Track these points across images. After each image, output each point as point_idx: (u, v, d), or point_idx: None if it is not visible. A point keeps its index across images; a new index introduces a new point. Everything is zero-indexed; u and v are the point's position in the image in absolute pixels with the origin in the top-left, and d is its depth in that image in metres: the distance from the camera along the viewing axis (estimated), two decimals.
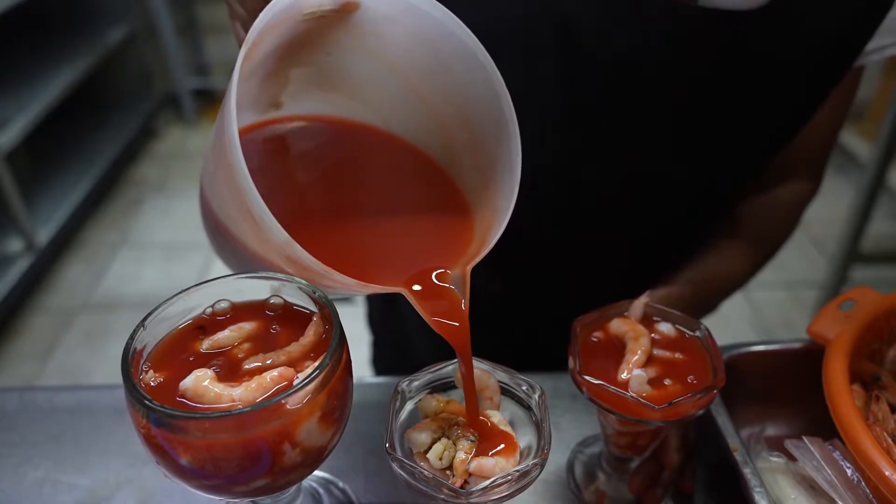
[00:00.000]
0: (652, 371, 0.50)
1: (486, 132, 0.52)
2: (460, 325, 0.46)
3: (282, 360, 0.44)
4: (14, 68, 2.49)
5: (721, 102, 0.63)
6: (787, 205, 0.75)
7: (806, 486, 0.52)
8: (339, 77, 0.56)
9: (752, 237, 0.73)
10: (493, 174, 0.52)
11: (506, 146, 0.51)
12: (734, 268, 0.71)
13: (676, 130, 0.65)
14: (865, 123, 2.90)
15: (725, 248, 0.72)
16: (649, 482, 0.57)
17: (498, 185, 0.52)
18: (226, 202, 0.48)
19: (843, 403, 0.50)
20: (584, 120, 0.64)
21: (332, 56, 0.54)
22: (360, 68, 0.55)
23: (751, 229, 0.73)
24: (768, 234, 0.75)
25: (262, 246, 0.46)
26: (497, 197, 0.51)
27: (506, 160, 0.51)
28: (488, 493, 0.41)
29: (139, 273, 2.47)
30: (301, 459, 0.43)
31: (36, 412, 0.67)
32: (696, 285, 0.67)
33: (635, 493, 0.57)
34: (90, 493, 0.59)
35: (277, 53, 0.51)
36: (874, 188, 1.95)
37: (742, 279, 0.73)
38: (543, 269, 0.77)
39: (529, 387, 0.47)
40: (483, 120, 0.52)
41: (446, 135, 0.56)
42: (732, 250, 0.72)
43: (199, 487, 0.43)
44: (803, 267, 2.49)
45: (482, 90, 0.51)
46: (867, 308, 0.58)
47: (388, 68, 0.54)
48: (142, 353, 0.44)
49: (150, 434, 0.40)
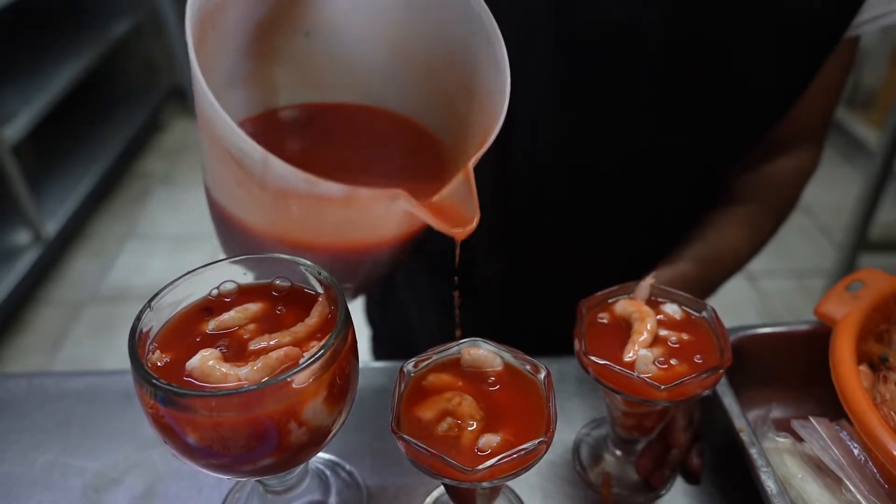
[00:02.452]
0: (658, 351, 0.49)
1: (469, 54, 0.52)
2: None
3: (287, 340, 0.44)
4: (20, 61, 2.49)
5: (719, 73, 0.63)
6: (788, 178, 0.74)
7: (812, 466, 0.52)
8: (323, 60, 0.56)
9: (754, 212, 0.73)
10: (481, 85, 0.53)
11: (490, 53, 0.50)
12: (739, 244, 0.71)
13: (675, 103, 0.64)
14: (873, 111, 2.88)
15: (727, 223, 0.72)
16: (657, 463, 0.57)
17: (488, 83, 0.51)
18: (211, 164, 0.48)
19: (850, 383, 0.50)
20: (583, 95, 0.64)
21: (311, 36, 0.54)
22: (342, 44, 0.55)
23: (752, 204, 0.73)
24: (770, 208, 0.74)
25: (256, 210, 0.46)
26: (488, 90, 0.51)
27: (492, 63, 0.51)
28: (494, 472, 0.41)
29: (146, 265, 2.48)
30: (307, 439, 0.43)
31: (45, 397, 0.67)
32: (702, 263, 0.66)
33: (643, 474, 0.57)
34: (99, 476, 0.60)
35: (251, 31, 0.51)
36: (882, 176, 1.93)
37: (747, 256, 0.72)
38: (544, 248, 0.76)
39: (535, 367, 0.47)
40: (465, 42, 0.52)
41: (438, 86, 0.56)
42: (735, 226, 0.71)
43: (207, 467, 0.43)
44: (811, 255, 2.48)
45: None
46: (875, 289, 0.58)
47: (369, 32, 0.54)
48: (148, 334, 0.45)
49: (158, 414, 0.40)
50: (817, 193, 2.82)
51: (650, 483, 0.57)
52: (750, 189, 0.74)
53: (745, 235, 0.71)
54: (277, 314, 0.47)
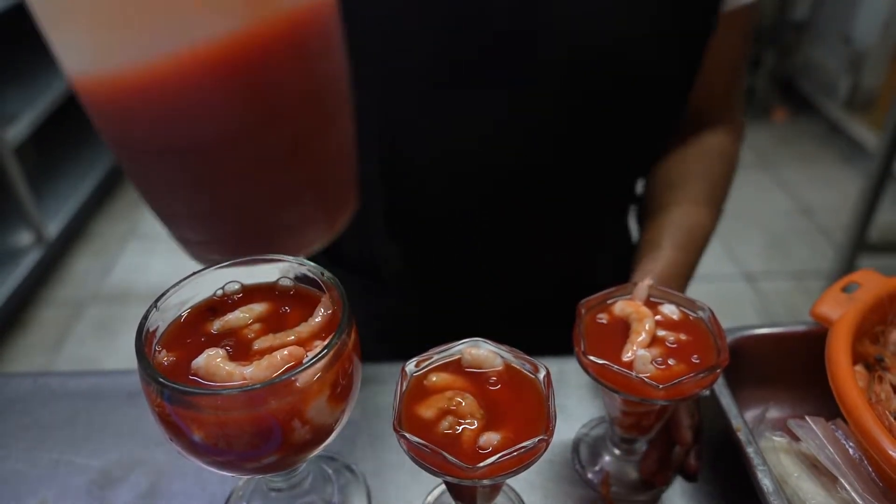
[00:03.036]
0: (656, 351, 0.50)
1: None
2: None
3: (291, 339, 0.45)
4: (22, 63, 2.50)
5: (616, 66, 0.64)
6: (718, 148, 0.77)
7: (808, 464, 0.53)
8: None
9: (704, 189, 0.74)
10: None
11: None
12: (704, 221, 0.72)
13: (580, 103, 0.66)
14: (873, 113, 2.89)
15: (685, 201, 0.73)
16: (661, 465, 0.58)
17: None
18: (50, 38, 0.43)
19: (846, 382, 0.51)
20: (470, 88, 0.65)
21: None
22: None
23: (698, 180, 0.75)
24: (714, 180, 0.76)
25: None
26: None
27: None
28: (495, 469, 0.41)
29: (148, 264, 2.49)
30: (311, 437, 0.44)
31: (49, 396, 0.68)
32: (683, 249, 0.67)
33: (646, 475, 0.58)
34: (103, 473, 0.60)
35: None
36: (881, 177, 1.94)
37: (712, 230, 0.74)
38: (480, 247, 0.77)
39: (534, 367, 0.47)
40: None
41: None
42: (693, 204, 0.73)
43: (212, 464, 0.44)
44: (810, 256, 2.49)
45: None
46: (871, 290, 0.58)
47: None
48: (154, 333, 0.45)
49: (164, 412, 0.41)
50: (816, 195, 2.84)
51: (654, 484, 0.58)
52: (686, 169, 0.76)
53: (707, 211, 0.73)
54: (281, 314, 0.48)
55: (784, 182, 2.94)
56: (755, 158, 3.10)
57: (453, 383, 0.47)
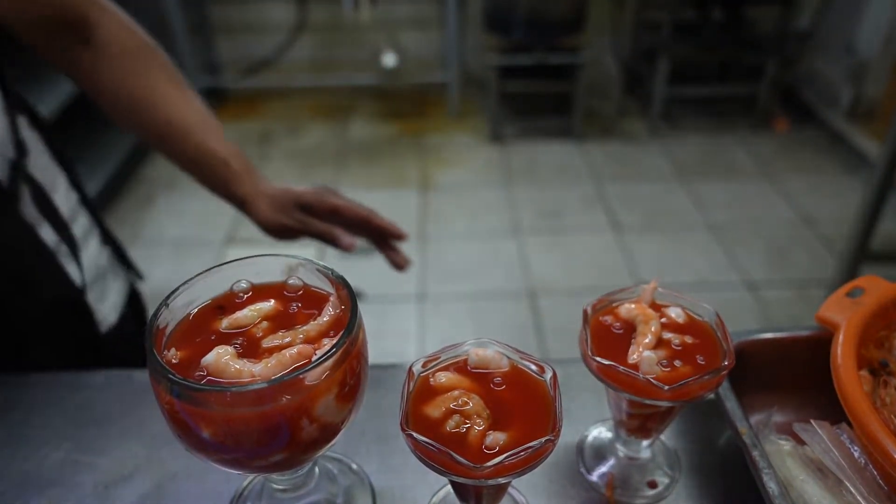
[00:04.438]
0: (662, 353, 0.50)
1: None
2: None
3: (300, 338, 0.45)
4: (26, 68, 2.51)
5: None
6: (121, 33, 0.80)
7: (813, 468, 0.53)
8: None
9: (164, 77, 0.81)
10: None
11: None
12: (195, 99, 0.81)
13: None
14: (875, 123, 2.90)
15: (170, 92, 0.81)
16: None
17: None
18: None
19: (851, 386, 0.51)
20: None
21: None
22: None
23: (149, 72, 0.81)
24: (150, 64, 0.82)
25: None
26: None
27: None
28: (501, 469, 0.41)
29: (151, 269, 2.48)
30: (318, 435, 0.44)
31: (57, 396, 0.68)
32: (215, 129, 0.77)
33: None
34: (110, 473, 0.60)
35: None
36: (883, 187, 1.95)
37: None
38: None
39: (541, 368, 0.47)
40: None
41: None
42: (175, 90, 0.81)
43: (219, 462, 0.44)
44: (812, 266, 2.49)
45: None
46: (875, 296, 0.59)
47: None
48: (164, 331, 0.46)
49: (173, 409, 0.41)
50: (819, 204, 2.84)
51: None
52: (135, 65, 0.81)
53: (187, 91, 0.83)
54: (290, 313, 0.48)
55: (786, 191, 2.94)
56: (757, 167, 3.10)
57: (460, 383, 0.48)
